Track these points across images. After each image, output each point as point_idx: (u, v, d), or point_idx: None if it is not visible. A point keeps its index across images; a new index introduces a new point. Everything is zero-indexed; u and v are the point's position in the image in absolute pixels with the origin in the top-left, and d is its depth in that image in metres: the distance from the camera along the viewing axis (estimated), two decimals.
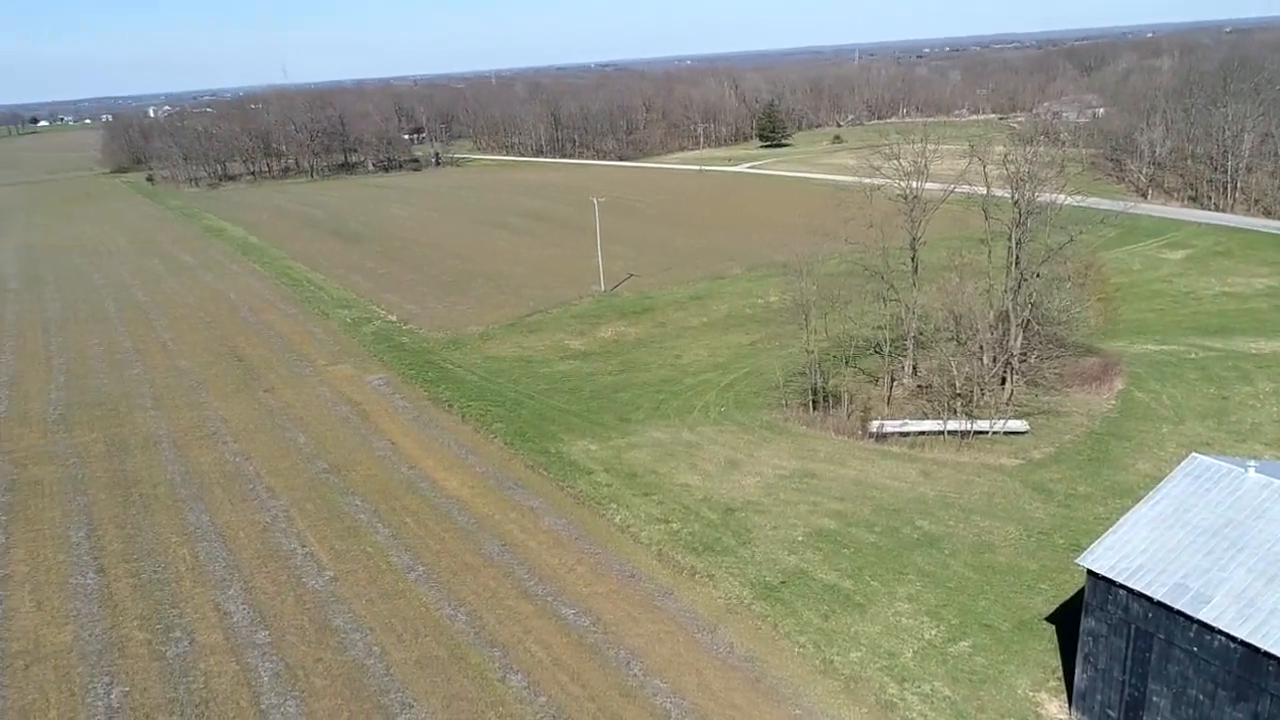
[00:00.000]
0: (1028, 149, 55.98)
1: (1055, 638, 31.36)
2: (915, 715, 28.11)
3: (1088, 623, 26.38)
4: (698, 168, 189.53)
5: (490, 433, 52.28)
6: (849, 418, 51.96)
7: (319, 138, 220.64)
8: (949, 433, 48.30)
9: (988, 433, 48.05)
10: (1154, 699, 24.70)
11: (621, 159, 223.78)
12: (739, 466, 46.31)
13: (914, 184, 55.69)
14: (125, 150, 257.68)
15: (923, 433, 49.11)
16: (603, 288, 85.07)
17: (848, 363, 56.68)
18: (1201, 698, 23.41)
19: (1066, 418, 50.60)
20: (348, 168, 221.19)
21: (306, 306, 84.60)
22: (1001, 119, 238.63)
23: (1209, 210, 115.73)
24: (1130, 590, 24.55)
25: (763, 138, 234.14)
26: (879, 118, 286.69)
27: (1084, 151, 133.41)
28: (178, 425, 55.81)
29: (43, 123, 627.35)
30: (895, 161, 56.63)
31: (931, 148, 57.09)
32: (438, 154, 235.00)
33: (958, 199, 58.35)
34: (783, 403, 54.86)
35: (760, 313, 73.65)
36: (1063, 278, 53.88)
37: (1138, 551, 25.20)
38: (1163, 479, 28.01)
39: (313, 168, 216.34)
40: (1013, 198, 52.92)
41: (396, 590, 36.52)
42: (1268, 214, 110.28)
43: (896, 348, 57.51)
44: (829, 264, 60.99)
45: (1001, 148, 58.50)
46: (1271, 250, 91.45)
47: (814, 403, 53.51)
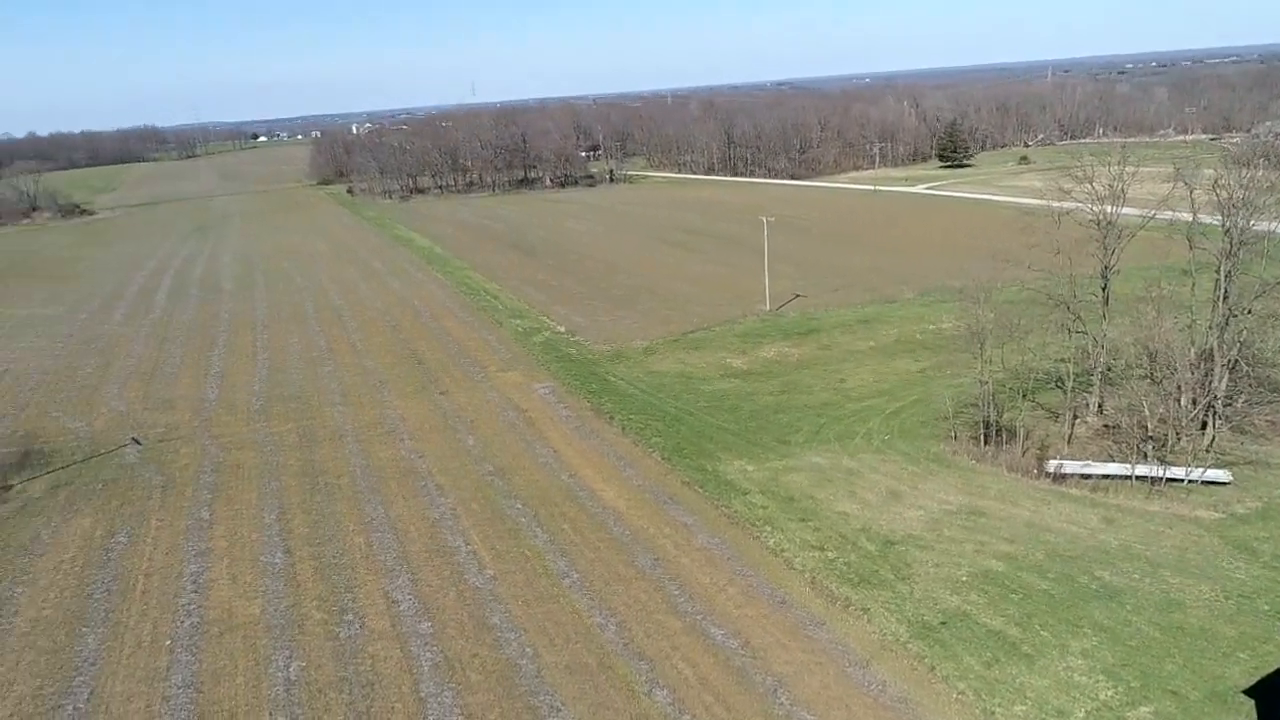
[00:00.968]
0: (1243, 172, 51.03)
1: (1254, 715, 28.25)
2: None
3: None
4: (871, 188, 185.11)
5: (649, 446, 52.86)
6: (1024, 455, 49.02)
7: (502, 154, 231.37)
8: (1137, 478, 44.60)
9: (1183, 481, 44.02)
10: None
11: (793, 178, 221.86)
12: (901, 498, 44.63)
13: (1108, 209, 51.97)
14: (330, 164, 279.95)
15: (1107, 476, 45.59)
16: (768, 307, 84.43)
17: (1025, 396, 53.52)
18: None
19: (1278, 470, 45.67)
20: (527, 183, 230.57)
21: (482, 315, 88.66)
22: (1213, 139, 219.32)
23: None
24: None
25: (943, 158, 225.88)
26: (1072, 137, 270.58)
27: None
28: (361, 421, 59.74)
29: (261, 138, 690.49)
30: (1088, 184, 53.04)
31: (1130, 170, 53.14)
32: (612, 171, 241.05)
33: (1158, 226, 54.00)
34: (951, 434, 52.46)
35: (931, 339, 70.87)
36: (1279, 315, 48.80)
37: None
38: None
39: (494, 183, 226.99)
40: (1223, 225, 48.46)
41: (551, 594, 37.49)
42: None
43: (1080, 383, 53.75)
44: (1009, 291, 57.97)
45: (1211, 171, 53.60)
46: None
47: (986, 437, 50.85)
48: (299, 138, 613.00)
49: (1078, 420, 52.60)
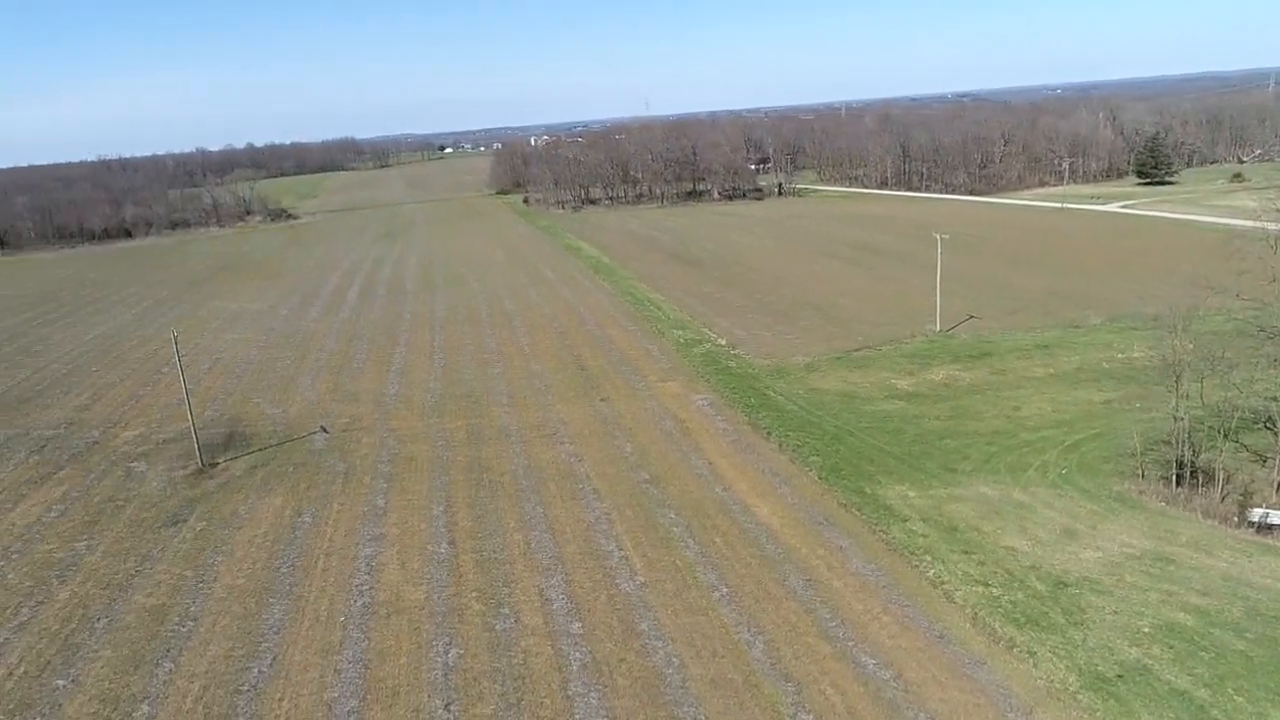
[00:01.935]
0: None
1: None
2: None
3: None
4: (1058, 205, 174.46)
5: (805, 465, 51.97)
6: (1223, 500, 44.74)
7: (671, 166, 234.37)
8: None
9: None
10: None
11: (972, 194, 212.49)
12: (1077, 537, 41.73)
13: None
14: (508, 175, 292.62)
15: None
16: (938, 327, 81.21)
17: (1227, 436, 48.84)
18: None
19: None
20: (695, 195, 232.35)
21: (645, 324, 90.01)
22: None
23: None
24: None
25: (1141, 174, 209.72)
26: None
27: None
28: (525, 422, 61.97)
29: (448, 150, 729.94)
30: None
31: None
32: (780, 184, 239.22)
33: None
34: (1138, 473, 48.60)
35: (1120, 369, 65.97)
36: None
37: None
38: None
39: (663, 194, 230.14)
40: None
41: (700, 607, 37.50)
42: None
43: None
44: (1212, 320, 53.20)
45: None
46: None
47: (1178, 478, 46.78)
48: (481, 149, 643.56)
49: None
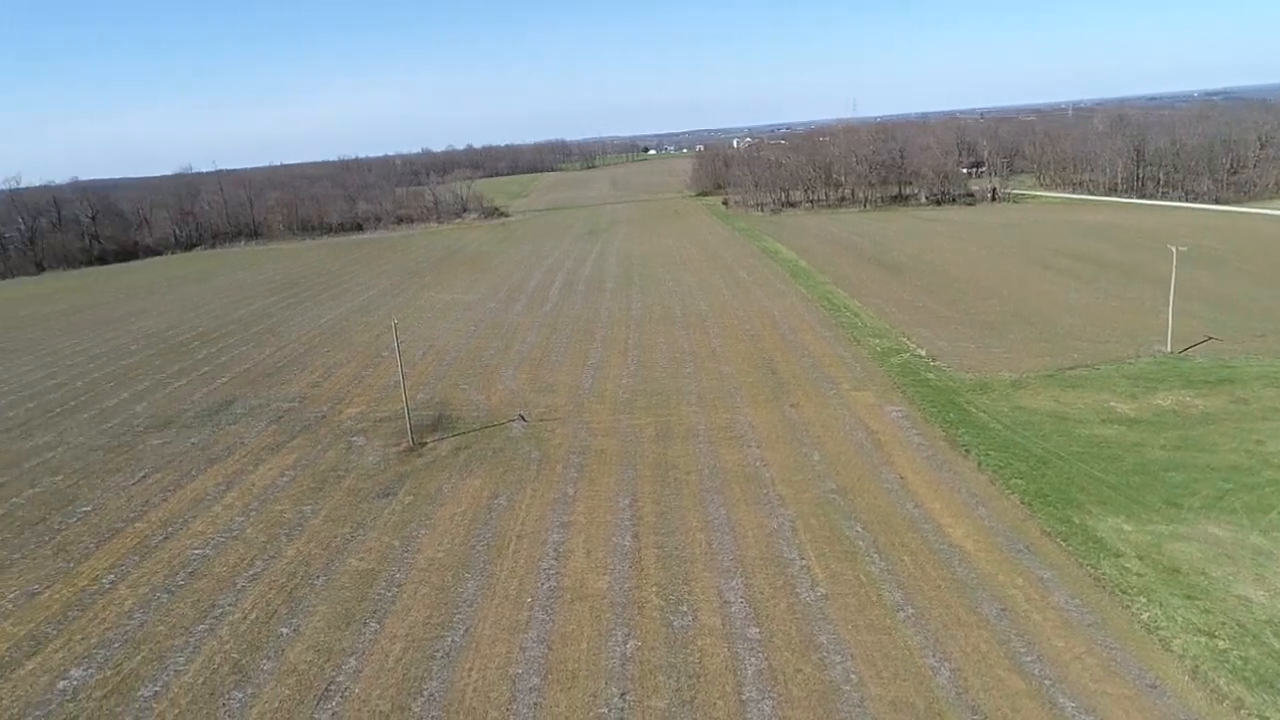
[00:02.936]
0: None
1: None
2: None
3: None
4: None
5: (1007, 487, 48.92)
6: None
7: (877, 170, 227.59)
8: None
9: None
10: None
11: (1217, 202, 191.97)
12: None
13: None
14: (709, 176, 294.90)
15: None
16: (1168, 348, 73.99)
17: None
18: None
19: None
20: (901, 200, 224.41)
21: (840, 331, 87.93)
22: None
23: None
24: None
25: None
26: None
27: None
28: (713, 423, 62.20)
29: (651, 151, 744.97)
30: None
31: None
32: (994, 189, 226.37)
33: None
34: None
35: None
36: None
37: None
38: None
39: (867, 198, 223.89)
40: None
41: (883, 625, 36.21)
42: None
43: None
44: None
45: None
46: None
47: None
48: (684, 151, 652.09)
49: None
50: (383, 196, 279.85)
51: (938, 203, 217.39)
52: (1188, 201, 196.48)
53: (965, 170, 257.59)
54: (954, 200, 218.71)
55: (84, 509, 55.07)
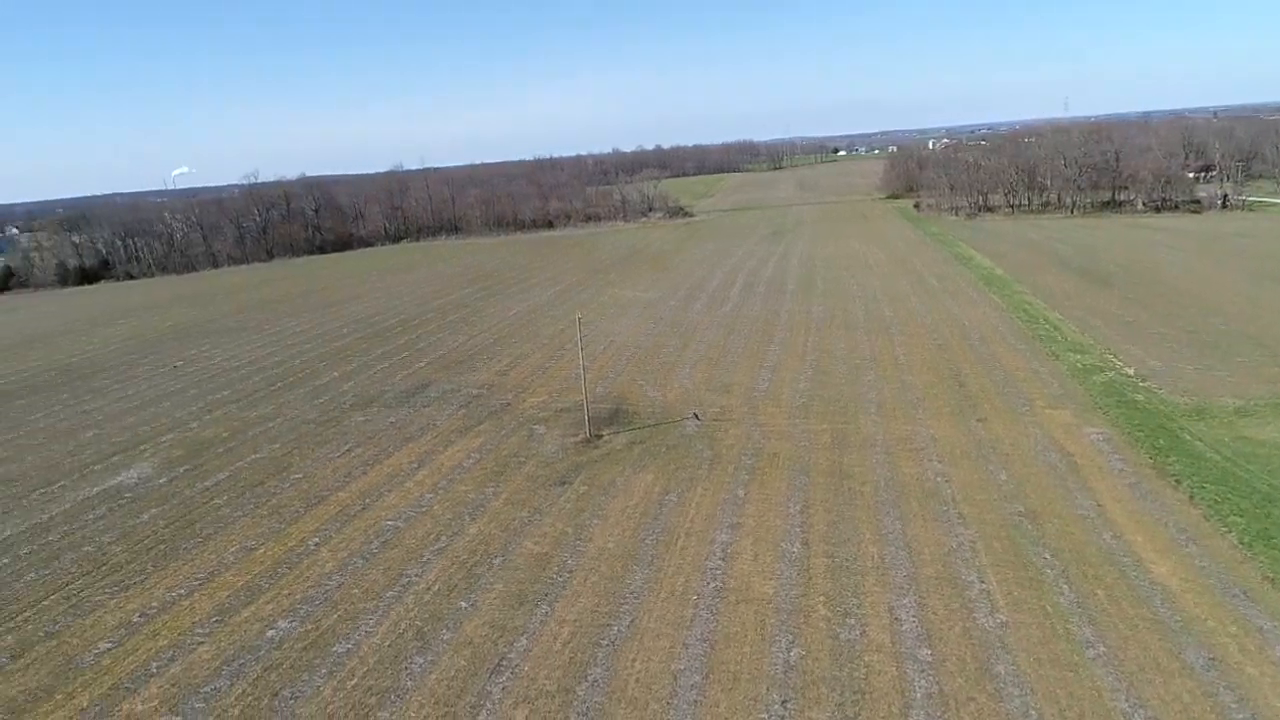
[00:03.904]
0: None
1: None
2: None
3: None
4: None
5: (1224, 525, 44.30)
6: None
7: (1087, 172, 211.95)
8: None
9: None
10: None
11: None
12: None
13: None
14: (900, 179, 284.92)
15: None
16: None
17: None
18: None
19: None
20: (1113, 205, 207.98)
21: (1037, 344, 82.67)
22: None
23: None
24: None
25: None
26: None
27: None
28: (892, 434, 60.11)
29: (840, 152, 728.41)
30: None
31: None
32: (1225, 195, 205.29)
33: None
34: None
35: None
36: None
37: None
38: None
39: (1074, 204, 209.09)
40: None
41: (1069, 661, 33.76)
42: None
43: None
44: None
45: None
46: None
47: None
48: (875, 152, 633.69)
49: None
50: (573, 195, 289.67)
51: (1157, 209, 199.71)
52: None
53: (1191, 174, 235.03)
54: (1176, 207, 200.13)
55: (296, 476, 60.44)
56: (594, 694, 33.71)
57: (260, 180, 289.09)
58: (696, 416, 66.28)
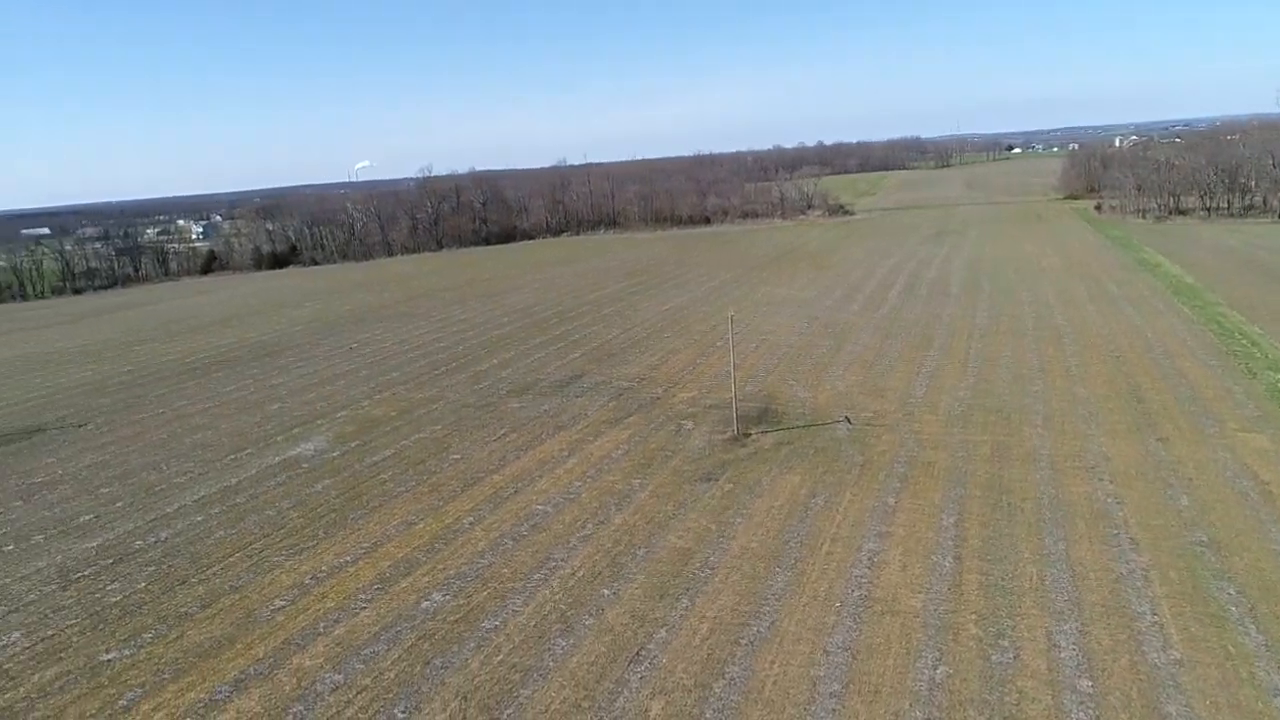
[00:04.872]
0: None
1: None
2: None
3: None
4: None
5: None
6: None
7: None
8: None
9: None
10: None
11: None
12: None
13: None
14: (1081, 178, 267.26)
15: None
16: None
17: None
18: None
19: None
20: None
21: (1230, 360, 75.75)
22: None
23: None
24: None
25: None
26: None
27: None
28: (1060, 450, 56.64)
29: (1015, 150, 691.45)
30: None
31: None
32: None
33: None
34: None
35: None
36: None
37: None
38: None
39: None
40: None
41: (1252, 709, 30.84)
42: None
43: None
44: None
45: None
46: None
47: None
48: (1054, 150, 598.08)
49: None
50: (731, 191, 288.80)
51: None
52: None
53: None
54: None
55: (454, 457, 63.37)
56: (730, 692, 33.62)
57: (433, 174, 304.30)
58: (848, 420, 64.75)
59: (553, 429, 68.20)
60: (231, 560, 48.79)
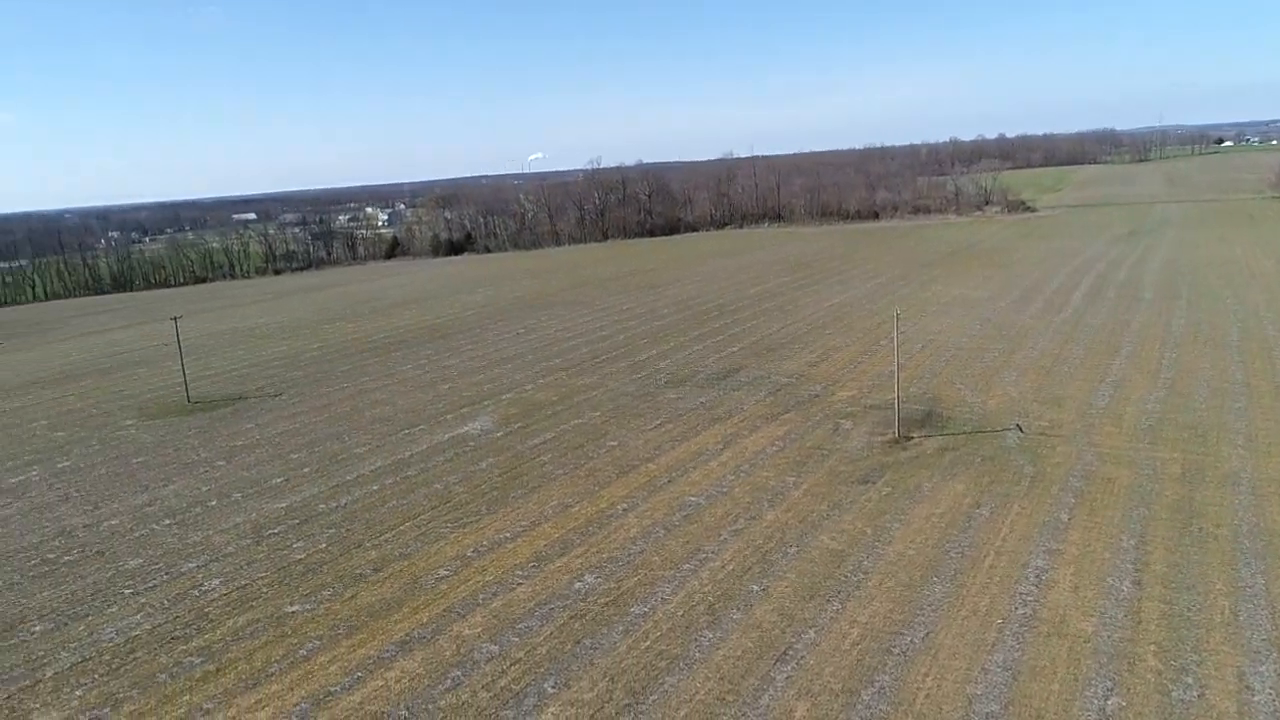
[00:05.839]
0: None
1: None
2: None
3: None
4: None
5: None
6: None
7: None
8: None
9: None
10: None
11: None
12: None
13: None
14: None
15: None
16: None
17: None
18: None
19: None
20: None
21: None
22: None
23: None
24: None
25: None
26: None
27: None
28: (1264, 473, 51.46)
29: (1226, 142, 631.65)
30: None
31: None
32: None
33: None
34: None
35: None
36: None
37: None
38: None
39: None
40: None
41: None
42: None
43: None
44: None
45: None
46: None
47: None
48: (1273, 143, 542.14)
49: None
50: (902, 185, 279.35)
51: None
52: None
53: None
54: None
55: (611, 444, 64.68)
56: (879, 701, 32.68)
57: (601, 166, 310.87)
58: (1019, 428, 61.32)
59: (708, 421, 68.34)
60: (402, 529, 51.87)
